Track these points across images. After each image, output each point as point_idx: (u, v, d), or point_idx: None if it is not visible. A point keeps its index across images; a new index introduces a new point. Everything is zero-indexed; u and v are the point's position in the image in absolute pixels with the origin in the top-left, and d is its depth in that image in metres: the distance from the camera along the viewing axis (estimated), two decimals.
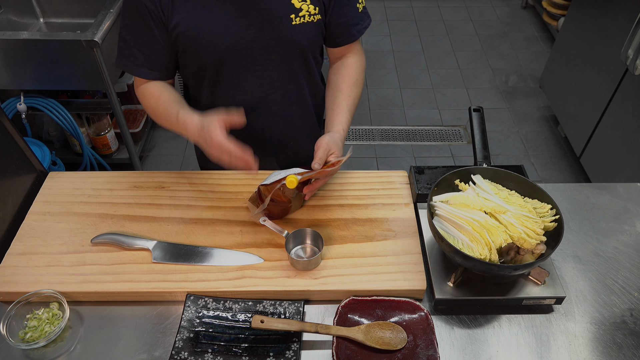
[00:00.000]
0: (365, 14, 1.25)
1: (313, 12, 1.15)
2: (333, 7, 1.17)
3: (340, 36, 1.24)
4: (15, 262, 1.08)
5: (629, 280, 1.09)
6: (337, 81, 1.27)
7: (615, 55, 2.29)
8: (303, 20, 1.14)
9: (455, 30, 3.88)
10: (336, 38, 1.24)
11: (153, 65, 1.18)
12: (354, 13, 1.21)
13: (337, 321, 0.99)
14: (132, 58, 1.17)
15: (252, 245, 1.12)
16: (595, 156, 2.54)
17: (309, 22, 1.15)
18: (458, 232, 1.01)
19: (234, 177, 1.28)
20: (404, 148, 2.92)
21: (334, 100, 1.25)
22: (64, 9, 2.50)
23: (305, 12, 1.14)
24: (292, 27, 1.14)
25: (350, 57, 1.29)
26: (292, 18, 1.13)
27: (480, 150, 1.20)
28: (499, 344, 0.99)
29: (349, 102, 1.24)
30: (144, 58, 1.16)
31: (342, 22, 1.21)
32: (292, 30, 1.14)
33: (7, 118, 1.19)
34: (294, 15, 1.13)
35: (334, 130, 1.19)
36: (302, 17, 1.14)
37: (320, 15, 1.16)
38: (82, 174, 1.29)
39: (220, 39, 1.12)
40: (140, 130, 2.72)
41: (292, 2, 1.12)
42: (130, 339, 0.99)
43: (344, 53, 1.30)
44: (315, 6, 1.15)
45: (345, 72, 1.28)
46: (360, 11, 1.23)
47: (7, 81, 2.17)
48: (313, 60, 1.26)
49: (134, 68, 1.18)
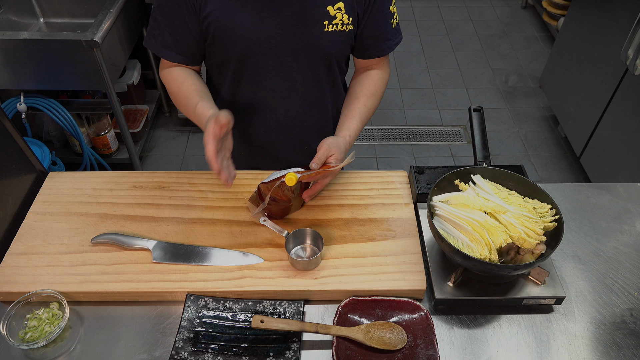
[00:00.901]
0: (397, 30, 1.25)
1: (346, 21, 1.14)
2: (367, 19, 1.17)
3: (370, 49, 1.23)
4: (15, 262, 1.08)
5: (629, 280, 1.09)
6: (356, 89, 1.28)
7: (615, 55, 2.29)
8: (335, 29, 1.14)
9: (455, 30, 3.88)
10: (366, 50, 1.24)
11: (180, 49, 1.17)
12: (387, 28, 1.21)
13: (337, 321, 0.99)
14: (161, 39, 1.16)
15: (252, 245, 1.12)
16: (595, 156, 2.54)
17: (341, 31, 1.15)
18: (458, 232, 1.01)
19: (241, 176, 1.27)
20: (404, 148, 2.92)
21: (348, 108, 1.26)
22: (64, 9, 2.50)
23: (339, 21, 1.13)
24: (323, 34, 1.13)
25: (375, 70, 1.29)
26: (325, 25, 1.12)
27: (480, 150, 1.20)
28: (499, 344, 0.99)
29: (363, 110, 1.24)
30: (172, 41, 1.16)
31: (374, 35, 1.20)
32: (323, 37, 1.14)
33: (7, 118, 1.19)
34: (327, 22, 1.12)
35: (340, 135, 1.19)
36: (335, 25, 1.13)
37: (352, 26, 1.16)
38: (82, 174, 1.29)
39: (249, 34, 1.12)
40: (140, 130, 2.72)
41: (327, 9, 1.11)
42: (130, 339, 0.99)
43: (370, 65, 1.29)
44: (350, 16, 1.14)
45: (367, 82, 1.28)
46: (394, 27, 1.22)
47: (7, 81, 2.17)
48: (338, 68, 1.26)
49: (161, 49, 1.18)
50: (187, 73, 1.21)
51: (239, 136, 1.32)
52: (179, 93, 1.19)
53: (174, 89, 1.20)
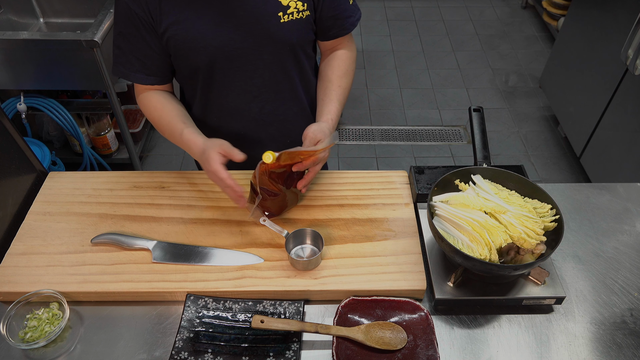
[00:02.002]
0: (355, 6, 1.25)
1: (301, 8, 1.14)
2: (324, 0, 1.17)
3: (332, 29, 1.23)
4: (15, 262, 1.08)
5: (629, 280, 1.09)
6: (327, 72, 1.28)
7: (615, 55, 2.29)
8: (291, 18, 1.14)
9: (455, 30, 3.88)
10: (328, 31, 1.24)
11: (149, 71, 1.18)
12: (345, 5, 1.21)
13: (337, 321, 0.99)
14: (128, 65, 1.17)
15: (252, 245, 1.12)
16: (595, 156, 2.54)
17: (298, 19, 1.15)
18: (458, 232, 1.01)
19: (234, 177, 1.27)
20: (404, 148, 2.92)
21: (324, 92, 1.26)
22: (64, 9, 2.50)
23: (294, 9, 1.13)
24: (281, 25, 1.14)
25: (341, 50, 1.30)
26: (280, 16, 1.13)
27: (480, 150, 1.20)
28: (499, 344, 0.99)
29: (339, 92, 1.25)
30: (139, 64, 1.17)
31: (334, 15, 1.20)
32: (281, 28, 1.14)
33: (7, 118, 1.19)
34: (282, 12, 1.13)
35: (322, 120, 1.19)
36: (291, 14, 1.14)
37: (309, 11, 1.16)
38: (82, 174, 1.29)
39: (209, 41, 1.12)
40: (140, 130, 2.72)
41: (279, 0, 1.12)
42: (130, 339, 0.99)
43: (335, 46, 1.30)
44: (304, 2, 1.14)
45: (336, 63, 1.28)
46: (351, 4, 1.23)
47: (7, 81, 2.17)
48: (304, 56, 1.26)
49: (131, 74, 1.18)
50: (164, 97, 1.22)
51: None
52: (160, 120, 1.20)
53: (154, 116, 1.21)
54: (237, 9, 1.10)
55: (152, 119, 1.23)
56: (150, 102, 1.21)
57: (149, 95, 1.22)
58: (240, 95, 1.24)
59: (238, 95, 1.24)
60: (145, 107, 1.23)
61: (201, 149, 1.10)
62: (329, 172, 1.31)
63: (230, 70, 1.19)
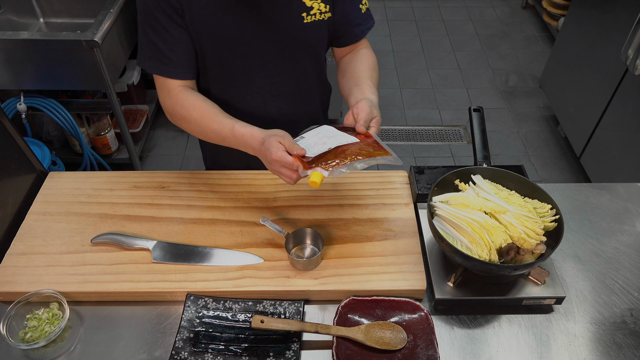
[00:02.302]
0: (368, 15, 1.24)
1: (324, 10, 1.14)
2: (337, 6, 1.17)
3: (343, 36, 1.23)
4: (15, 262, 1.08)
5: (629, 280, 1.09)
6: (355, 67, 1.22)
7: (615, 55, 2.29)
8: (314, 19, 1.14)
9: (455, 30, 3.88)
10: (339, 38, 1.24)
11: (187, 64, 1.13)
12: (356, 13, 1.21)
13: (337, 321, 0.99)
14: (166, 60, 1.11)
15: (252, 245, 1.12)
16: (595, 156, 2.54)
17: (320, 20, 1.15)
18: (458, 233, 1.01)
19: (234, 177, 1.28)
20: (404, 148, 2.92)
21: (356, 82, 1.17)
22: (64, 9, 2.50)
23: (317, 10, 1.13)
24: (304, 26, 1.13)
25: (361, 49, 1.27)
26: (304, 17, 1.12)
27: (480, 150, 1.20)
28: (499, 344, 0.99)
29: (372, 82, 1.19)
30: (176, 57, 1.11)
31: (345, 21, 1.20)
32: (304, 29, 1.14)
33: (7, 118, 1.19)
34: (305, 13, 1.12)
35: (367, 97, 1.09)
36: (314, 15, 1.13)
37: (330, 13, 1.16)
38: (82, 174, 1.29)
39: (233, 38, 1.11)
40: (140, 130, 2.72)
41: (303, 1, 1.11)
42: (130, 339, 0.99)
43: (348, 53, 1.29)
44: (326, 4, 1.14)
45: (362, 59, 1.24)
46: (364, 12, 1.22)
47: (7, 81, 2.17)
48: (323, 58, 1.26)
49: (170, 70, 1.12)
50: (198, 95, 1.15)
51: None
52: (202, 119, 1.11)
53: (193, 116, 1.12)
54: (264, 7, 1.09)
55: (189, 119, 1.13)
56: (187, 100, 1.13)
57: (183, 93, 1.14)
58: (260, 93, 1.23)
59: (258, 93, 1.23)
60: (181, 107, 1.13)
61: (260, 140, 1.02)
62: None
63: (252, 68, 1.18)
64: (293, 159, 0.96)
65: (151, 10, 1.07)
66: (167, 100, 1.16)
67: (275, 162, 0.98)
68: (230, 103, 1.24)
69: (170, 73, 1.13)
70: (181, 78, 1.15)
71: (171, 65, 1.12)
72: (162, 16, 1.07)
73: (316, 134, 1.04)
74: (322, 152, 0.98)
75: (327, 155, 0.97)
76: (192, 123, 1.14)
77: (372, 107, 1.06)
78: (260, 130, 1.05)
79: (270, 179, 1.26)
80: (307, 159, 0.97)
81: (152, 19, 1.08)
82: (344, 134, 1.03)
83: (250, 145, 1.05)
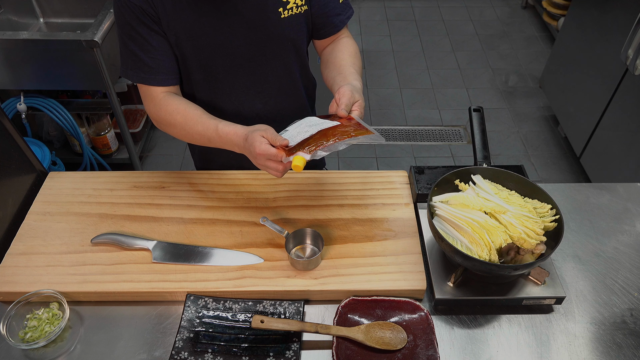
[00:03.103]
0: (346, 4, 1.24)
1: (300, 3, 1.14)
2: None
3: (323, 27, 1.23)
4: (15, 262, 1.08)
5: (629, 280, 1.09)
6: (336, 56, 1.22)
7: (615, 55, 2.29)
8: (291, 13, 1.14)
9: (455, 30, 3.88)
10: (320, 30, 1.23)
11: (168, 70, 1.14)
12: (334, 4, 1.21)
13: (337, 321, 0.99)
14: (147, 68, 1.11)
15: (252, 245, 1.12)
16: (595, 156, 2.54)
17: (297, 14, 1.15)
18: (458, 233, 1.01)
19: (234, 177, 1.28)
20: (404, 148, 2.92)
21: (338, 70, 1.17)
22: (64, 9, 2.50)
23: (293, 4, 1.13)
24: (282, 21, 1.13)
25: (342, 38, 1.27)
26: (281, 12, 1.12)
27: (480, 150, 1.20)
28: (499, 344, 0.99)
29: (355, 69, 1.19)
30: (156, 64, 1.12)
31: (324, 13, 1.20)
32: (281, 24, 1.14)
33: (7, 118, 1.19)
34: (282, 8, 1.12)
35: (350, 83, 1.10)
36: (290, 9, 1.13)
37: (306, 5, 1.16)
38: (82, 174, 1.29)
39: (212, 39, 1.12)
40: (140, 130, 2.72)
41: None
42: (130, 339, 0.99)
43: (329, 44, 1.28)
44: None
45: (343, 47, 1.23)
46: (342, 2, 1.22)
47: (7, 81, 2.17)
48: (304, 52, 1.26)
49: (152, 78, 1.13)
50: (181, 99, 1.16)
51: None
52: (187, 122, 1.12)
53: (177, 120, 1.13)
54: (239, 4, 1.09)
55: (174, 123, 1.14)
56: (170, 105, 1.14)
57: (166, 99, 1.14)
58: (244, 92, 1.23)
59: (242, 92, 1.23)
60: (165, 112, 1.14)
61: (244, 136, 1.03)
62: (328, 172, 1.31)
63: (234, 67, 1.18)
64: (277, 150, 0.97)
65: (128, 20, 1.07)
66: (151, 108, 1.17)
67: (260, 155, 0.99)
68: (215, 104, 1.24)
69: (152, 80, 1.14)
70: (164, 85, 1.15)
71: (152, 72, 1.13)
72: (139, 26, 1.08)
73: (299, 124, 1.05)
74: (304, 138, 0.99)
75: (309, 140, 0.99)
76: (177, 127, 1.15)
77: (354, 91, 1.06)
78: (243, 128, 1.05)
79: (270, 178, 1.26)
80: (290, 148, 0.99)
81: (130, 29, 1.09)
82: (326, 121, 1.04)
83: (235, 143, 1.06)
